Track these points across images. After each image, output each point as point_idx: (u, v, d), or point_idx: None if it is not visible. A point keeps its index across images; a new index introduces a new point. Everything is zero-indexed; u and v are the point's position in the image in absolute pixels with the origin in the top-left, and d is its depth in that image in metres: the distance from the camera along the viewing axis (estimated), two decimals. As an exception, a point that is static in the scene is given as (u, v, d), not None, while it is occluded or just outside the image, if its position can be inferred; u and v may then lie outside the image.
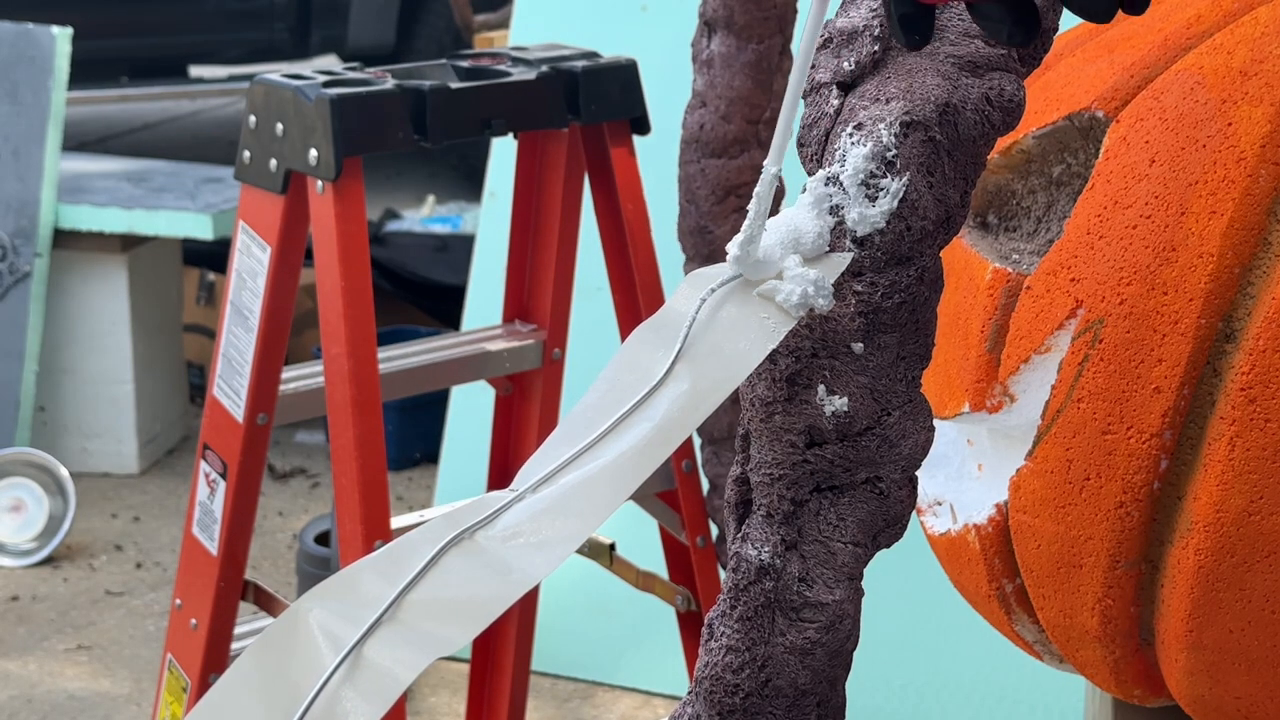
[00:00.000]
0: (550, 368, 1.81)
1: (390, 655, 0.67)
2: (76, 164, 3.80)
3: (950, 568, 1.10)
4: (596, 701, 2.65)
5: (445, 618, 0.67)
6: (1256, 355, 0.91)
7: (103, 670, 2.80)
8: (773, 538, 0.76)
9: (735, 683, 0.76)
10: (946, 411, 1.05)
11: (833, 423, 0.75)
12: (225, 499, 1.69)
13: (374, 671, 0.66)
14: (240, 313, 1.68)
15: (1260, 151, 0.93)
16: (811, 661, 0.77)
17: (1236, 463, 0.91)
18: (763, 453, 0.77)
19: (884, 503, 0.77)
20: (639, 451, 0.70)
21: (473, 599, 0.68)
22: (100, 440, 3.54)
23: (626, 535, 1.97)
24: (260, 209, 1.66)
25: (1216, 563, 0.93)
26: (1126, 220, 0.96)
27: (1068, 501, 0.97)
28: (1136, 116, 0.98)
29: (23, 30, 3.49)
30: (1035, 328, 0.99)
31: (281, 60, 5.67)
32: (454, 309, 3.21)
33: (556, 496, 0.70)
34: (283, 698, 0.66)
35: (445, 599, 0.68)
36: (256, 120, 1.65)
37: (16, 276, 3.43)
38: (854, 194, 0.74)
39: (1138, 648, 1.00)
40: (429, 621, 0.67)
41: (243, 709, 0.68)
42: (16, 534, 3.23)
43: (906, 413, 0.77)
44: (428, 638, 0.67)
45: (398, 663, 0.66)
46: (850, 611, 0.77)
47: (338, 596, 0.69)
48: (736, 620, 0.76)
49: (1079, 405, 0.96)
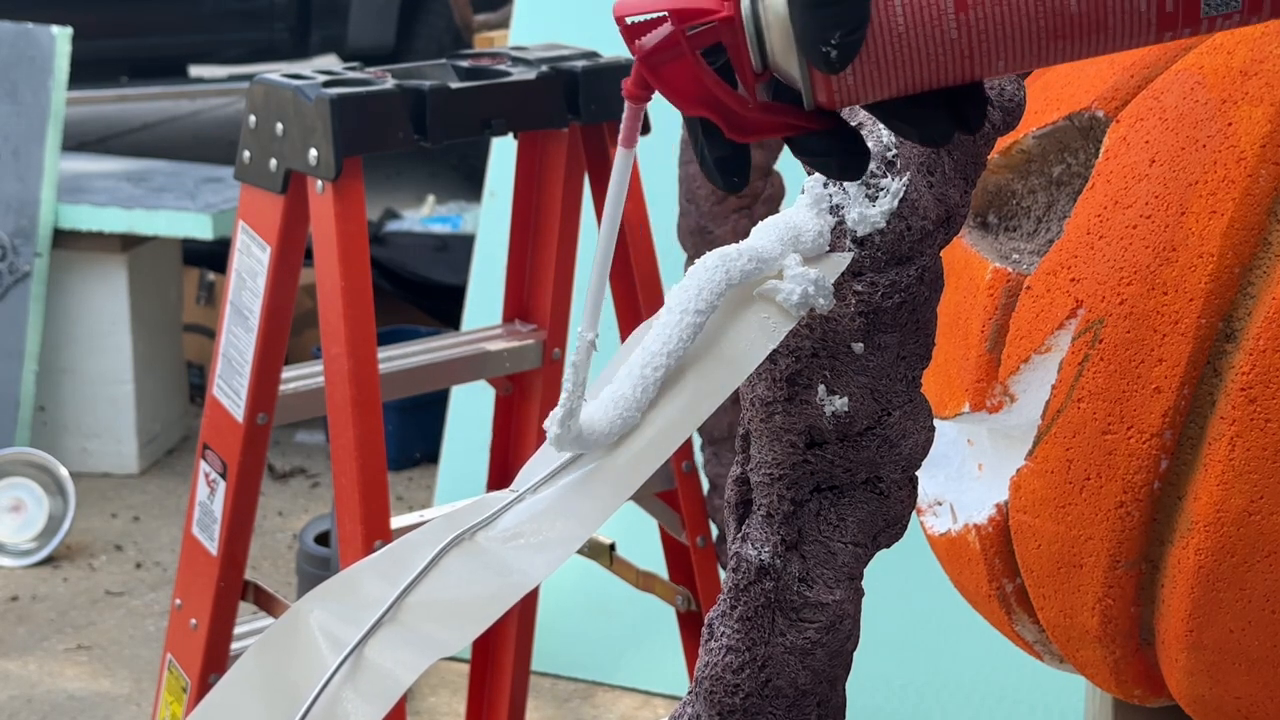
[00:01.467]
0: (550, 368, 1.81)
1: (391, 656, 0.67)
2: (76, 164, 3.80)
3: (950, 568, 1.10)
4: (596, 702, 2.65)
5: (446, 619, 0.67)
6: (1257, 355, 0.91)
7: (102, 670, 2.80)
8: (773, 538, 0.76)
9: (735, 683, 0.76)
10: (947, 411, 1.05)
11: (833, 423, 0.75)
12: (225, 499, 1.69)
13: (375, 672, 0.66)
14: (240, 312, 1.68)
15: (1260, 151, 0.93)
16: (812, 662, 0.76)
17: (1237, 463, 0.91)
18: (763, 453, 0.77)
19: (884, 503, 0.77)
20: (639, 453, 0.70)
21: (473, 600, 0.68)
22: (100, 440, 3.54)
23: (626, 535, 1.97)
24: (260, 209, 1.66)
25: (1217, 562, 0.93)
26: (1127, 220, 0.96)
27: (1068, 501, 0.97)
28: (1137, 116, 0.98)
29: (22, 30, 3.49)
30: (1035, 327, 0.99)
31: (281, 60, 5.67)
32: (454, 309, 3.21)
33: (557, 497, 0.70)
34: (283, 699, 0.66)
35: (446, 600, 0.68)
36: (256, 120, 1.64)
37: (16, 276, 3.43)
38: (854, 194, 0.74)
39: (1138, 648, 1.00)
40: (429, 623, 0.68)
41: (244, 710, 0.68)
42: (16, 534, 3.23)
43: (907, 413, 0.77)
44: (428, 639, 0.67)
45: (398, 664, 0.66)
46: (850, 612, 0.77)
47: (338, 598, 0.69)
48: (737, 620, 0.76)
49: (1079, 405, 0.96)
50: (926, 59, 0.64)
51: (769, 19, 0.65)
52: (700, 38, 0.65)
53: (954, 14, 0.63)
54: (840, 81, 0.65)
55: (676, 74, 0.66)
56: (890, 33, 0.63)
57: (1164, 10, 0.63)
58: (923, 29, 0.63)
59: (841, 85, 0.65)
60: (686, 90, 0.66)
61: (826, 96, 0.66)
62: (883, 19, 0.63)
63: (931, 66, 0.64)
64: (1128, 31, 0.64)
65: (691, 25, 0.65)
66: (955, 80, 0.65)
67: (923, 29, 0.63)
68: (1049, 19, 0.63)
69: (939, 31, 0.63)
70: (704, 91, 0.66)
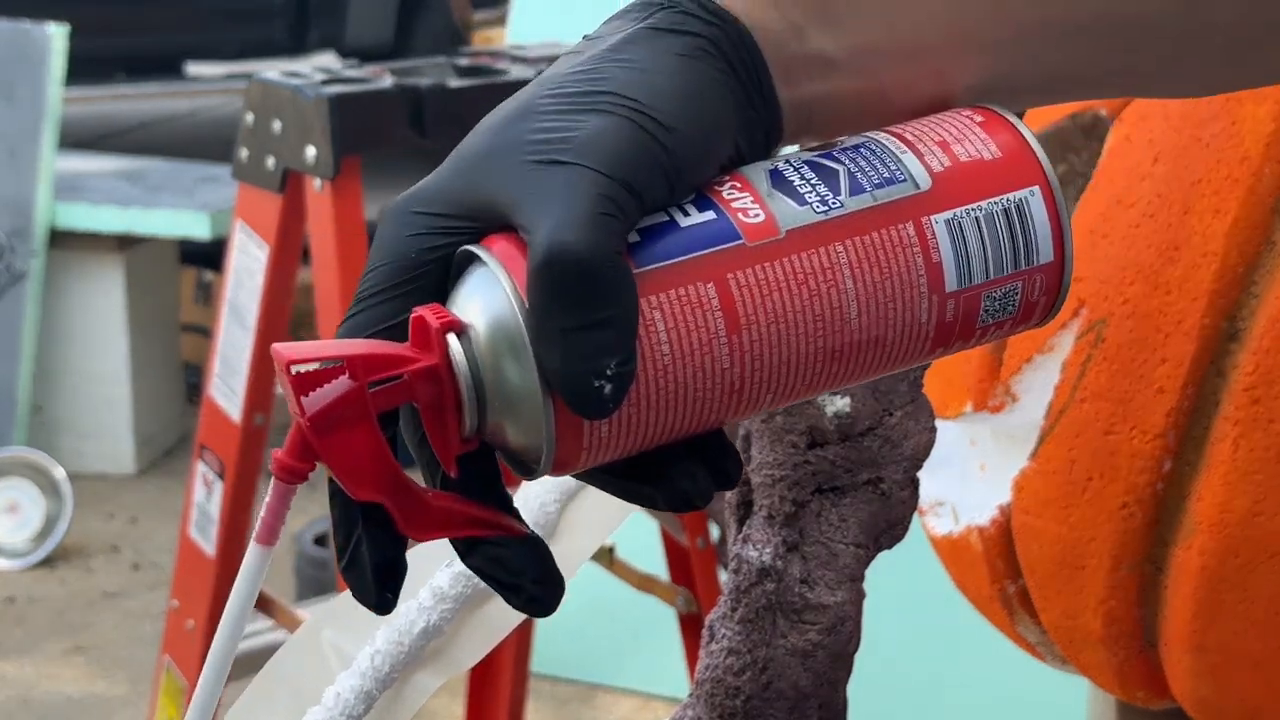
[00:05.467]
0: (549, 367, 1.81)
1: (404, 676, 0.67)
2: (73, 163, 3.79)
3: (952, 569, 1.10)
4: (596, 704, 2.65)
5: (455, 636, 0.68)
6: (1261, 355, 0.91)
7: (99, 672, 2.79)
8: (774, 539, 0.76)
9: (736, 685, 0.76)
10: (949, 412, 1.04)
11: (834, 423, 0.75)
12: (222, 500, 1.68)
13: (389, 693, 0.67)
14: (237, 312, 1.68)
15: (1265, 150, 0.92)
16: (813, 664, 0.76)
17: (1241, 463, 0.91)
18: (764, 454, 0.76)
19: (886, 504, 0.77)
20: None
21: (483, 618, 0.68)
22: (97, 440, 3.54)
23: (626, 537, 1.96)
24: (258, 208, 1.65)
25: (1220, 564, 0.92)
26: (1130, 219, 0.96)
27: (1071, 502, 0.96)
28: (1140, 115, 0.98)
29: (19, 28, 3.49)
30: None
31: (279, 58, 5.66)
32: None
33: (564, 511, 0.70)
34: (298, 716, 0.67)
35: (454, 619, 0.68)
36: (254, 118, 1.64)
37: (13, 276, 3.42)
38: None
39: (1141, 649, 0.99)
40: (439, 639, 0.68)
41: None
42: (13, 535, 3.22)
43: (909, 413, 0.77)
44: (440, 658, 0.67)
45: (410, 684, 0.67)
46: (852, 613, 0.77)
47: (349, 615, 0.70)
48: (738, 622, 0.76)
49: (1082, 405, 0.95)
50: (692, 396, 0.53)
51: (490, 363, 0.51)
52: (386, 397, 0.51)
53: (726, 337, 0.53)
54: (594, 432, 0.52)
55: (351, 443, 0.51)
56: (656, 365, 0.52)
57: (944, 320, 0.56)
58: (692, 357, 0.52)
59: (594, 437, 0.52)
60: (361, 466, 0.51)
61: (572, 454, 0.52)
62: (648, 347, 0.51)
63: (696, 406, 0.53)
64: (904, 348, 0.56)
65: (376, 380, 0.51)
66: (715, 421, 0.54)
67: (692, 357, 0.52)
68: (827, 334, 0.54)
69: (709, 359, 0.52)
70: (382, 469, 0.51)
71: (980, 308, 0.57)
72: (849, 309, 0.54)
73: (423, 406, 0.51)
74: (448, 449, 0.52)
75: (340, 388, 0.50)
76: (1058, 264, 0.57)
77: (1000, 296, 0.57)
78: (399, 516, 0.51)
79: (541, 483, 0.70)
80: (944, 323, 0.56)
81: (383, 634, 0.68)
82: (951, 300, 0.56)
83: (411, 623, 0.68)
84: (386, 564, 0.52)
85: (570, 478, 0.59)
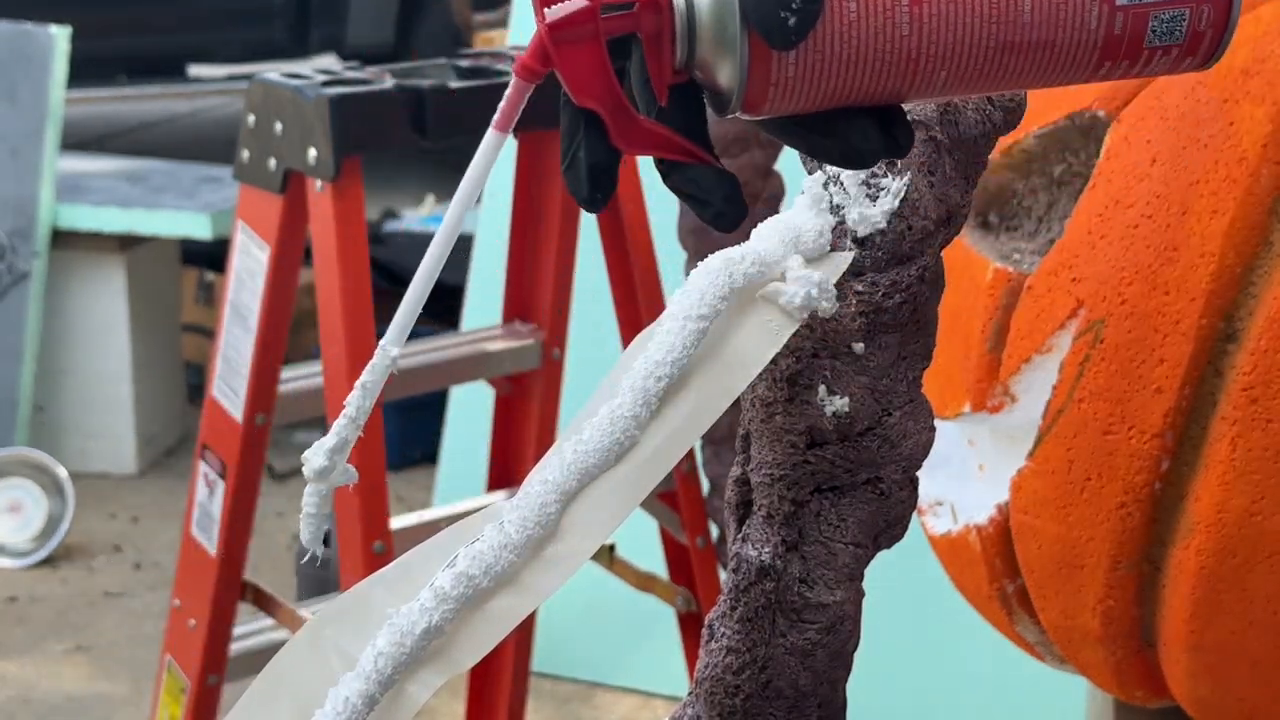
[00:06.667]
0: (550, 368, 1.81)
1: (406, 675, 0.68)
2: (75, 163, 3.80)
3: (951, 568, 1.10)
4: (596, 703, 2.65)
5: (456, 635, 0.68)
6: (1259, 355, 0.91)
7: (101, 671, 2.79)
8: (773, 538, 0.76)
9: (736, 684, 0.76)
10: (948, 411, 1.04)
11: (834, 423, 0.75)
12: (224, 499, 1.69)
13: (392, 692, 0.67)
14: (239, 312, 1.68)
15: (1262, 151, 0.92)
16: (812, 663, 0.76)
17: (1238, 463, 0.91)
18: (763, 453, 0.77)
19: (885, 503, 0.77)
20: (645, 462, 0.70)
21: (483, 616, 0.68)
22: (99, 440, 3.54)
23: (626, 536, 1.96)
24: (259, 208, 1.66)
25: (1218, 563, 0.93)
26: (1128, 220, 0.96)
27: (1069, 502, 0.97)
28: (1138, 116, 0.98)
29: (21, 30, 3.49)
30: (1036, 327, 0.98)
31: (280, 59, 5.66)
32: (454, 309, 3.21)
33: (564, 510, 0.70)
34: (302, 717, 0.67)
35: (456, 617, 0.69)
36: (255, 119, 1.64)
37: (15, 276, 3.43)
38: (854, 193, 0.74)
39: (1139, 649, 0.99)
40: (440, 639, 0.68)
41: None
42: (15, 534, 3.22)
43: (908, 413, 0.77)
44: (440, 657, 0.68)
45: (414, 681, 0.67)
46: (851, 612, 0.77)
47: (352, 616, 0.70)
48: (737, 621, 0.76)
49: (1080, 405, 0.96)
50: (872, 57, 0.59)
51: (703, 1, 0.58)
52: (615, 23, 0.59)
53: (907, 6, 0.58)
54: (781, 70, 0.58)
55: (580, 56, 0.59)
56: (842, 18, 0.58)
57: (1111, 32, 0.61)
58: (875, 18, 0.58)
59: (781, 75, 0.59)
60: (586, 77, 0.59)
61: (760, 91, 0.59)
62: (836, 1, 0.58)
63: (875, 68, 0.59)
64: (1072, 55, 0.61)
65: (609, 5, 0.58)
66: (892, 91, 0.60)
67: (875, 18, 0.58)
68: (1000, 25, 0.60)
69: (890, 24, 0.59)
70: (604, 83, 0.59)
71: (1148, 27, 0.61)
72: (1023, 3, 0.59)
73: (645, 37, 0.58)
74: (661, 77, 0.59)
75: (577, 4, 0.58)
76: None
77: (1168, 19, 0.60)
78: (613, 129, 0.59)
79: (541, 483, 0.70)
80: (1112, 35, 0.61)
81: (384, 635, 0.68)
82: (1120, 14, 0.60)
83: (413, 624, 0.68)
84: (601, 167, 0.60)
85: (570, 478, 0.63)
